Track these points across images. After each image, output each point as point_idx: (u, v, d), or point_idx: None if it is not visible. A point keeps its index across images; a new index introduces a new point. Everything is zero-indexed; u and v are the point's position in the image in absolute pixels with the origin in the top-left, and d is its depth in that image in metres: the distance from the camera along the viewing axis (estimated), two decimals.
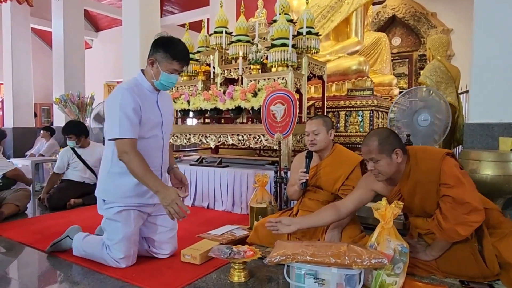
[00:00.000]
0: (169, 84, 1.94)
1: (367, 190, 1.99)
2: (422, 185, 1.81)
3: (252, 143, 3.27)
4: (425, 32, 8.24)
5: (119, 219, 1.94)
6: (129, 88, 1.88)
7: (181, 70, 1.95)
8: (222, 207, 3.40)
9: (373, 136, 1.83)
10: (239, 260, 1.80)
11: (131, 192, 1.95)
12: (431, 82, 3.33)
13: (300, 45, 3.44)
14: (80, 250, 2.10)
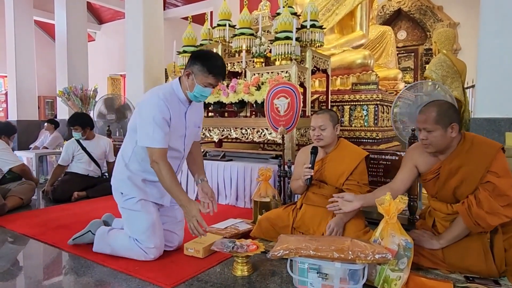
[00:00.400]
0: (201, 97, 1.95)
1: (412, 167, 1.98)
2: (468, 168, 1.78)
3: (255, 137, 3.25)
4: (431, 26, 8.14)
5: (140, 208, 1.97)
6: (165, 98, 1.89)
7: (215, 85, 1.95)
8: (226, 201, 3.40)
9: (433, 106, 1.81)
10: (242, 254, 1.79)
11: (144, 188, 2.04)
12: (437, 76, 3.29)
13: (304, 38, 3.40)
14: (104, 245, 2.05)
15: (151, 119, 1.83)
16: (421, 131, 1.82)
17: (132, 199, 1.99)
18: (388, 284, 1.64)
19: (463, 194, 1.80)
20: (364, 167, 2.29)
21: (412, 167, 1.97)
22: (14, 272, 1.90)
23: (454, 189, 1.81)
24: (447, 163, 1.83)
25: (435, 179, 1.88)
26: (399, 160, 2.76)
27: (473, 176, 1.76)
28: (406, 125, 3.22)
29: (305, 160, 2.41)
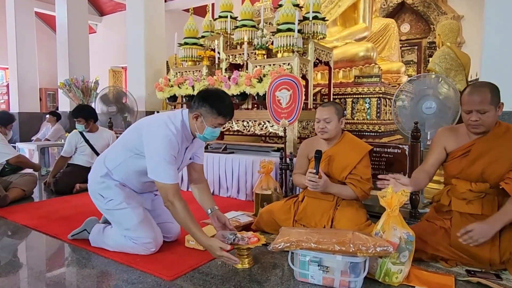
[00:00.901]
0: (212, 138, 1.92)
1: (442, 149, 1.99)
2: (501, 150, 1.81)
3: (257, 129, 3.24)
4: (435, 19, 8.05)
5: (125, 206, 1.94)
6: (177, 133, 1.84)
7: (224, 124, 1.93)
8: (227, 193, 3.40)
9: (484, 87, 1.81)
10: (243, 246, 1.79)
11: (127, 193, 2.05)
12: (440, 69, 3.26)
13: (306, 30, 3.37)
14: (101, 243, 2.05)
15: (163, 154, 1.77)
16: (471, 113, 1.81)
17: (113, 200, 1.96)
18: (389, 277, 1.64)
19: (492, 173, 1.81)
20: (368, 161, 2.27)
21: (442, 149, 1.99)
22: (16, 263, 1.91)
23: (484, 169, 1.83)
24: (482, 143, 1.86)
25: (463, 157, 1.90)
26: (401, 154, 2.75)
27: (507, 157, 1.79)
28: (409, 119, 3.19)
29: (308, 152, 2.40)
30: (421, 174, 1.99)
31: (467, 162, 1.88)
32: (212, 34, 4.05)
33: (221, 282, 1.65)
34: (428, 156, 2.04)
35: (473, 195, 1.86)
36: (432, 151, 2.03)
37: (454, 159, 1.94)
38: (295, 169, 2.44)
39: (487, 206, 1.84)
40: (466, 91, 1.86)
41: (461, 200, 1.89)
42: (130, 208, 1.94)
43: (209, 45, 3.92)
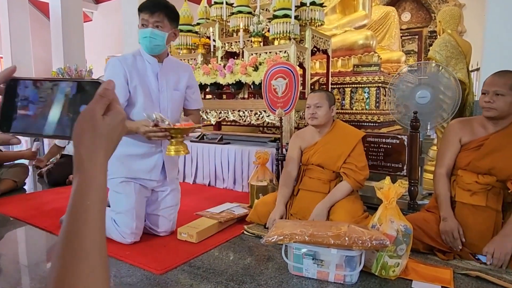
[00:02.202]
0: (143, 41, 1.78)
1: (457, 141, 1.94)
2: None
3: (253, 119, 3.17)
4: (436, 7, 7.92)
5: (121, 191, 1.91)
6: (123, 58, 1.82)
7: (152, 21, 1.75)
8: (224, 184, 3.35)
9: (510, 74, 1.79)
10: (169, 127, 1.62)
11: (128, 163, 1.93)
12: (441, 57, 3.17)
13: (303, 16, 3.27)
14: None
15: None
16: (487, 94, 1.78)
17: (115, 180, 1.92)
18: (386, 270, 1.60)
19: (502, 170, 1.76)
20: (361, 149, 2.22)
21: (457, 141, 1.94)
22: (0, 257, 1.86)
23: (494, 164, 1.78)
24: (497, 138, 1.81)
25: (475, 150, 1.86)
26: (400, 144, 2.69)
27: None
28: (409, 109, 3.11)
29: (301, 144, 2.34)
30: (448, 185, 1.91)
31: (478, 155, 1.83)
32: (207, 21, 3.94)
33: (213, 275, 1.61)
34: (445, 152, 1.96)
35: (478, 187, 1.82)
36: (447, 144, 1.96)
37: (466, 151, 1.90)
38: (285, 165, 2.37)
39: (492, 198, 1.79)
40: (492, 74, 1.85)
41: (465, 191, 1.85)
42: (124, 195, 1.91)
43: (205, 33, 3.82)
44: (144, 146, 1.90)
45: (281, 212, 2.15)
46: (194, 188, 3.37)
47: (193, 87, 2.03)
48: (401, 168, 2.70)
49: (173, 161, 2.06)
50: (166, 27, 1.78)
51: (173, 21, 1.83)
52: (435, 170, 1.99)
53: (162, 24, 1.77)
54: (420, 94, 2.91)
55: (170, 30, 1.81)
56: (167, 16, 1.77)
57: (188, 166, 3.58)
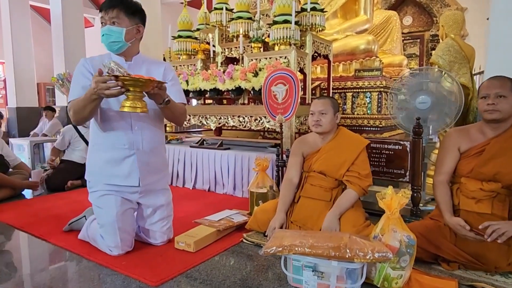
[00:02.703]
0: (102, 40, 1.73)
1: (455, 150, 1.90)
2: None
3: (253, 125, 3.13)
4: (438, 11, 7.90)
5: (102, 205, 1.85)
6: (91, 58, 1.80)
7: (107, 18, 1.69)
8: (223, 190, 3.31)
9: (505, 77, 1.78)
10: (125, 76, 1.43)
11: (106, 170, 1.83)
12: (444, 62, 3.12)
13: (304, 22, 3.24)
14: (85, 233, 2.04)
15: (74, 80, 1.74)
16: (487, 97, 1.75)
17: (96, 193, 1.87)
18: (389, 282, 1.55)
19: (506, 175, 1.72)
20: (365, 156, 2.17)
21: (456, 150, 1.91)
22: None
23: (498, 169, 1.74)
24: (498, 142, 1.78)
25: (476, 156, 1.82)
26: (402, 150, 2.65)
27: None
28: (411, 113, 3.06)
29: (303, 150, 2.30)
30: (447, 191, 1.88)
31: (480, 161, 1.79)
32: (207, 27, 3.92)
33: (211, 287, 1.56)
34: (443, 160, 1.93)
35: (483, 194, 1.77)
36: (446, 154, 1.93)
37: (466, 158, 1.86)
38: (287, 171, 2.32)
39: (498, 205, 1.75)
40: (486, 80, 1.82)
41: (470, 199, 1.80)
42: (105, 209, 1.85)
43: (204, 38, 3.80)
44: (118, 150, 1.80)
45: (281, 220, 2.10)
46: (194, 193, 3.33)
47: (171, 80, 1.89)
48: (403, 174, 2.65)
49: (150, 166, 1.88)
50: (123, 23, 1.71)
51: (133, 16, 1.75)
52: (434, 178, 1.95)
53: (118, 20, 1.70)
54: (421, 100, 2.87)
55: (129, 26, 1.74)
56: (123, 11, 1.70)
57: (188, 171, 3.54)
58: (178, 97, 1.88)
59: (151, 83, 1.48)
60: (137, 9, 1.78)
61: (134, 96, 1.49)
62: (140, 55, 1.89)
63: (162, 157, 1.99)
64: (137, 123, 1.82)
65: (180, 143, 3.91)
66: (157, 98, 1.64)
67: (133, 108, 1.50)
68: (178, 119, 1.93)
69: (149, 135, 1.87)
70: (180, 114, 1.88)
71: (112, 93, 1.47)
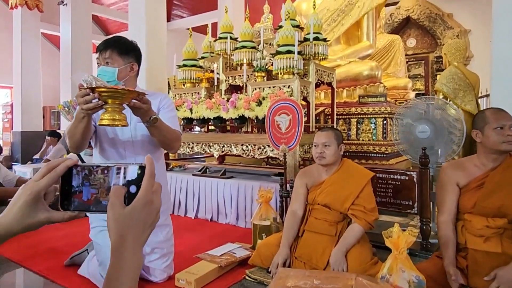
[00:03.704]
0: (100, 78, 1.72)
1: (454, 187, 1.84)
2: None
3: (257, 154, 3.11)
4: (441, 34, 7.97)
5: (101, 242, 1.82)
6: None
7: (101, 59, 1.73)
8: (226, 220, 3.25)
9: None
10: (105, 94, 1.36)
11: None
12: (448, 89, 3.12)
13: (307, 51, 3.26)
14: (85, 269, 2.00)
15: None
16: (503, 128, 1.72)
17: (95, 228, 1.85)
18: None
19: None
20: (370, 189, 2.12)
21: (455, 186, 1.85)
22: None
23: (502, 202, 1.68)
24: (497, 174, 1.73)
25: (476, 190, 1.76)
26: (409, 180, 2.59)
27: None
28: (418, 138, 3.00)
29: (307, 182, 2.26)
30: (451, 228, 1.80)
31: (482, 195, 1.73)
32: (212, 55, 3.97)
33: None
34: (444, 198, 1.86)
35: (490, 232, 1.70)
36: (445, 191, 1.86)
37: (467, 193, 1.80)
38: (291, 203, 2.28)
39: (507, 243, 1.67)
40: (489, 111, 1.79)
41: (477, 237, 1.72)
42: (103, 246, 1.82)
43: (209, 67, 3.84)
44: None
45: (284, 256, 2.04)
46: (196, 223, 3.28)
47: (166, 108, 1.88)
48: (411, 205, 2.58)
49: None
50: (116, 62, 1.74)
51: (126, 55, 1.77)
52: (437, 219, 1.89)
53: (111, 60, 1.73)
54: (420, 129, 2.85)
55: (123, 64, 1.76)
56: (115, 51, 1.73)
57: (190, 200, 3.50)
58: (171, 122, 1.83)
59: (130, 94, 1.43)
60: (130, 48, 1.80)
61: (113, 109, 1.42)
62: (136, 89, 1.89)
63: (164, 190, 1.96)
64: (131, 153, 1.79)
65: (182, 170, 3.88)
66: (142, 114, 1.58)
67: (112, 121, 1.42)
68: (169, 144, 1.83)
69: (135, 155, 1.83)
70: (172, 138, 1.80)
71: (89, 107, 1.43)
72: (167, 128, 1.73)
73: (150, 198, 0.56)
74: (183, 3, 9.02)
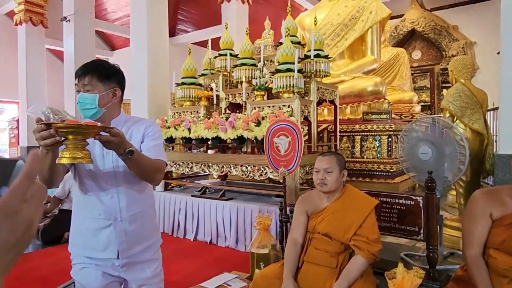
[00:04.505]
0: (78, 107, 1.60)
1: (487, 218, 1.66)
2: None
3: (256, 175, 3.01)
4: (447, 46, 7.87)
5: (81, 280, 1.68)
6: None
7: (80, 85, 1.58)
8: (225, 243, 3.14)
9: None
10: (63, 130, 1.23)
11: (85, 241, 1.64)
12: (455, 107, 3.00)
13: (308, 69, 3.18)
14: None
15: None
16: None
17: (76, 265, 1.70)
18: None
19: None
20: (374, 219, 2.00)
21: (487, 217, 1.67)
22: None
23: None
24: None
25: (510, 226, 1.59)
26: (415, 205, 2.46)
27: None
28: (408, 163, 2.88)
29: (307, 208, 2.15)
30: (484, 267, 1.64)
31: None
32: (212, 72, 3.91)
33: None
34: (473, 230, 1.69)
35: None
36: (477, 223, 1.68)
37: (498, 228, 1.63)
38: (291, 231, 2.16)
39: None
40: None
41: (501, 278, 1.57)
42: (85, 284, 1.65)
43: (208, 84, 3.78)
44: (92, 220, 1.61)
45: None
46: (194, 246, 3.17)
47: (150, 136, 1.70)
48: (417, 232, 2.45)
49: (133, 236, 1.67)
50: (96, 88, 1.57)
51: (107, 80, 1.61)
52: (465, 252, 1.71)
53: (90, 87, 1.57)
54: (422, 150, 2.73)
55: (104, 91, 1.60)
56: (95, 77, 1.58)
57: (189, 222, 3.40)
58: (153, 152, 1.66)
59: (94, 128, 1.28)
60: (112, 72, 1.68)
61: (74, 145, 1.29)
62: (120, 117, 1.76)
63: (149, 223, 1.81)
64: (113, 186, 1.65)
65: (183, 190, 3.79)
66: (115, 148, 1.42)
67: (72, 159, 1.28)
68: (148, 176, 1.64)
69: (129, 200, 1.65)
70: (152, 170, 1.62)
71: (47, 143, 1.29)
72: (146, 160, 1.57)
73: (15, 206, 0.42)
74: (187, 18, 9.07)
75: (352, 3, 4.92)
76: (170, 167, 3.68)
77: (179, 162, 3.55)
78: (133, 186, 1.68)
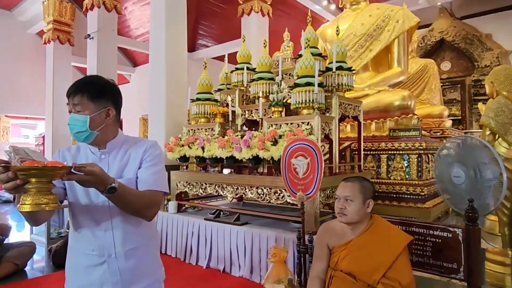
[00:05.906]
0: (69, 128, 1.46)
1: None
2: None
3: (273, 198, 2.78)
4: (479, 56, 7.42)
5: None
6: (66, 147, 1.56)
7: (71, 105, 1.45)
8: (239, 272, 2.90)
9: None
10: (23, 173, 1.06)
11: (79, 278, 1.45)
12: (496, 124, 2.66)
13: (329, 82, 2.95)
14: None
15: None
16: None
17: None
18: None
19: None
20: (407, 258, 1.73)
21: None
22: None
23: None
24: None
25: None
26: (453, 238, 2.14)
27: None
28: (441, 186, 2.55)
29: (328, 241, 1.90)
30: None
31: None
32: (228, 87, 3.75)
33: None
34: None
35: None
36: None
37: None
38: (312, 266, 1.92)
39: None
40: None
41: None
42: None
43: (224, 100, 3.61)
44: (86, 256, 1.43)
45: None
46: (207, 274, 2.95)
47: (148, 161, 1.53)
48: (456, 269, 2.12)
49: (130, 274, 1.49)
50: (88, 109, 1.42)
51: (99, 99, 1.46)
52: None
53: (80, 107, 1.42)
54: (455, 173, 2.41)
55: (95, 111, 1.45)
56: (86, 96, 1.43)
57: (202, 247, 3.19)
58: (148, 182, 1.48)
59: (59, 169, 1.12)
60: (105, 89, 1.50)
61: (37, 189, 1.12)
62: (117, 139, 1.58)
63: (148, 259, 1.60)
64: (105, 220, 1.47)
65: (197, 211, 3.60)
66: (94, 186, 1.24)
67: (36, 206, 1.11)
68: (138, 212, 1.44)
69: (124, 234, 1.46)
70: (141, 206, 1.42)
71: (7, 187, 1.13)
72: (133, 196, 1.39)
73: None
74: (207, 33, 9.08)
75: (377, 12, 4.66)
76: (183, 187, 3.51)
77: (193, 182, 3.38)
78: (129, 219, 1.47)
